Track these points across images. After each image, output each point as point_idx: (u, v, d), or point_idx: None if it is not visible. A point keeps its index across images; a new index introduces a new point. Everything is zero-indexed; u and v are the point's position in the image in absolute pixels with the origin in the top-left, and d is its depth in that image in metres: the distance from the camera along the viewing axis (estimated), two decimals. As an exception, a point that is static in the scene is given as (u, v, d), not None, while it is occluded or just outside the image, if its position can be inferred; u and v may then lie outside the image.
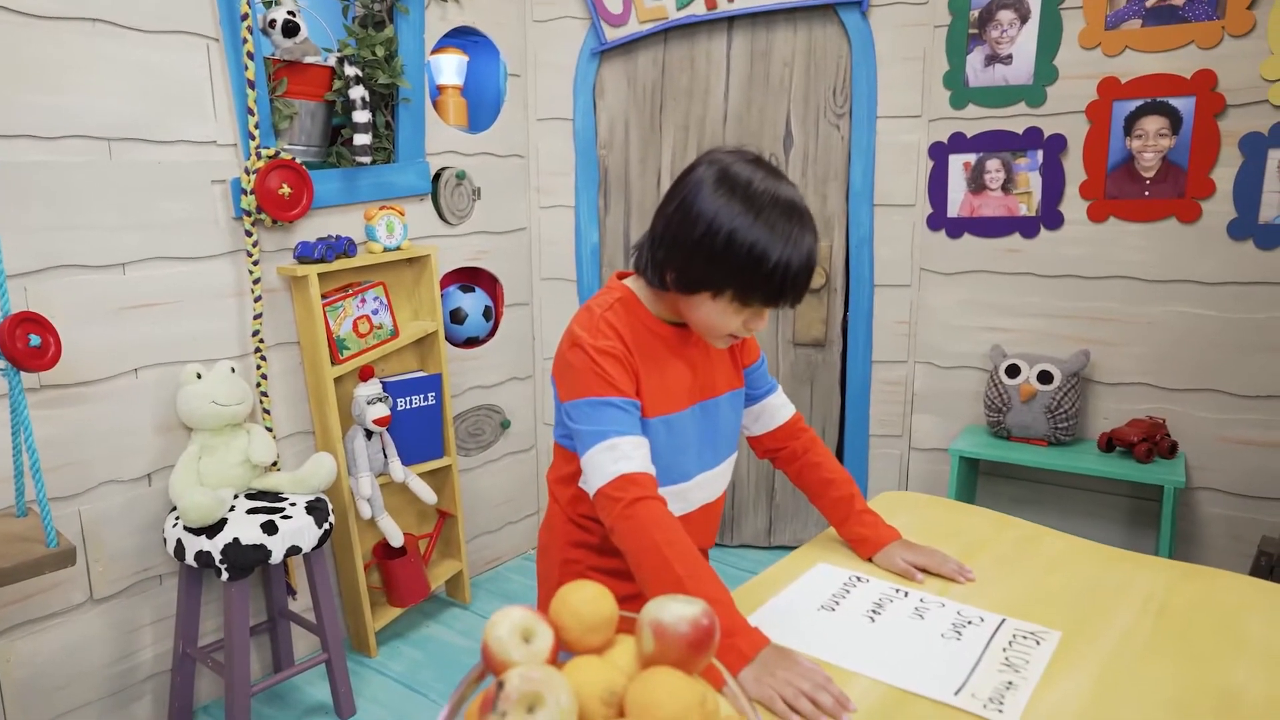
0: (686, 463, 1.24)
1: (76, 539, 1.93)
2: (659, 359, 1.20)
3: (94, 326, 1.91)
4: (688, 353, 1.23)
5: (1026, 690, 0.96)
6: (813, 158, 2.81)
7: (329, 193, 2.30)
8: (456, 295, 2.75)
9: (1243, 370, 2.35)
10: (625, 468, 1.09)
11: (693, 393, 1.24)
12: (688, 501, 1.26)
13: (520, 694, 0.66)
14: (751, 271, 1.07)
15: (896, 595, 1.19)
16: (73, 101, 1.83)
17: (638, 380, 1.17)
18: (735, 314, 1.12)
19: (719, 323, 1.13)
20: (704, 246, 1.08)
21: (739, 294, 1.09)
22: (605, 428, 1.11)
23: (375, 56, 2.30)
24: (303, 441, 2.37)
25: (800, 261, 1.08)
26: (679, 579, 1.02)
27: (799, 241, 1.08)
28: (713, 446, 1.28)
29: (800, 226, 1.08)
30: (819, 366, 2.94)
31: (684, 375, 1.23)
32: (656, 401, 1.19)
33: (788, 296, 1.10)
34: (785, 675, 0.96)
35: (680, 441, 1.22)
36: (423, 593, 2.54)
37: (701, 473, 1.27)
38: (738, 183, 1.08)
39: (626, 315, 1.19)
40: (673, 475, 1.22)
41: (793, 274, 1.07)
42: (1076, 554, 1.33)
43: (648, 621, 0.77)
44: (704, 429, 1.26)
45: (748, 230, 1.06)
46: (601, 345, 1.14)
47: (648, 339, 1.19)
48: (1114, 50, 2.38)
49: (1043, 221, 2.56)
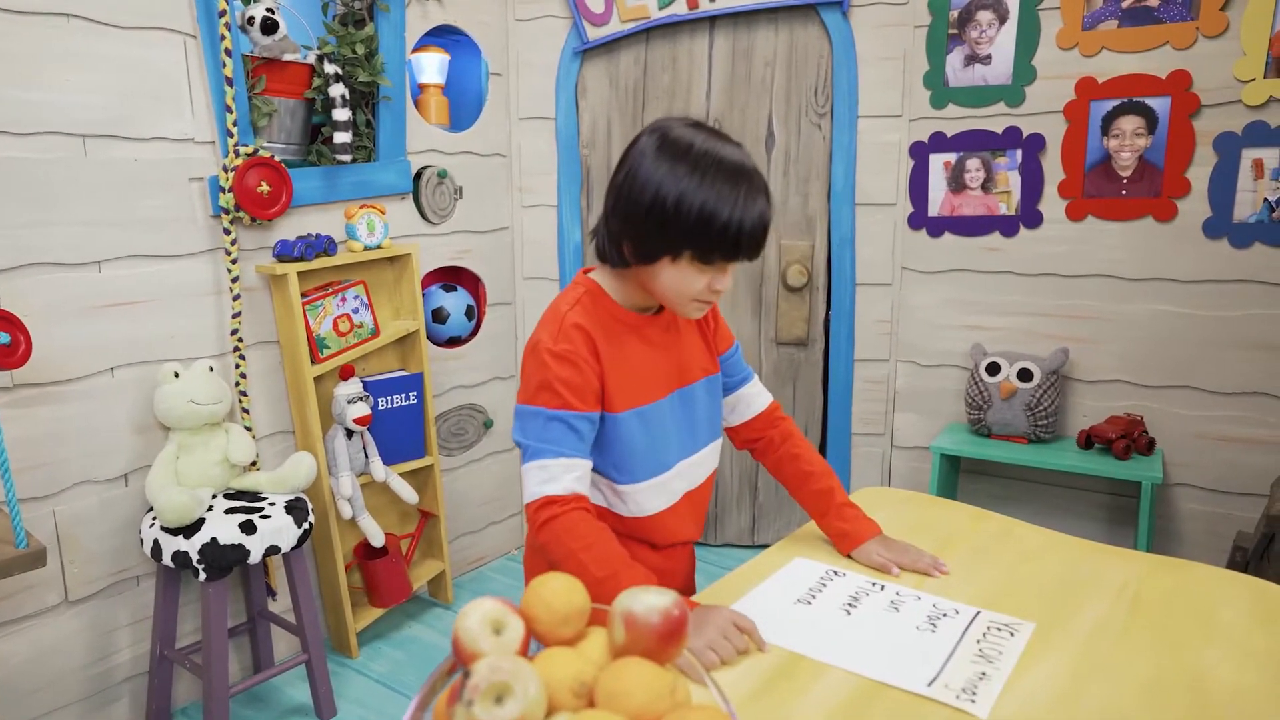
0: (666, 452, 1.24)
1: (51, 540, 1.91)
2: (629, 349, 1.20)
3: (69, 325, 1.89)
4: (660, 340, 1.24)
5: (999, 680, 0.96)
6: (794, 157, 2.82)
7: (309, 191, 2.28)
8: (438, 294, 2.74)
9: (1219, 367, 2.37)
10: (549, 490, 1.11)
11: (669, 380, 1.24)
12: (670, 493, 1.26)
13: (488, 684, 0.65)
14: (704, 231, 1.08)
15: (873, 589, 1.19)
16: (47, 97, 1.81)
17: (601, 381, 1.16)
18: (698, 275, 1.12)
19: (684, 287, 1.13)
20: (655, 213, 1.09)
21: (697, 254, 1.10)
22: (542, 445, 1.12)
23: (355, 54, 2.29)
24: (283, 441, 2.35)
25: (752, 216, 1.09)
26: (597, 580, 1.03)
27: (748, 196, 1.09)
28: (692, 433, 1.28)
29: (748, 183, 1.10)
30: (801, 365, 2.95)
31: (658, 363, 1.23)
32: (629, 393, 1.19)
33: (745, 249, 1.10)
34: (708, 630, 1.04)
35: (658, 432, 1.22)
36: (404, 593, 2.52)
37: (681, 460, 1.26)
38: (679, 146, 1.09)
39: (593, 308, 1.19)
40: (652, 467, 1.22)
41: (747, 228, 1.09)
42: (1051, 547, 1.34)
43: (619, 612, 0.77)
44: (682, 417, 1.26)
45: (694, 192, 1.07)
46: (560, 349, 1.14)
47: (616, 329, 1.19)
48: (1091, 50, 2.40)
49: (1022, 220, 2.57)
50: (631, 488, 1.21)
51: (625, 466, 1.20)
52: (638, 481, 1.21)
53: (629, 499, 1.22)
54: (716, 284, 1.14)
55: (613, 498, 1.23)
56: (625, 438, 1.19)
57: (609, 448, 1.20)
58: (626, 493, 1.22)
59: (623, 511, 1.23)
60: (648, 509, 1.23)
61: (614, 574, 1.06)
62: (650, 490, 1.23)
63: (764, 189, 1.12)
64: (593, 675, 0.73)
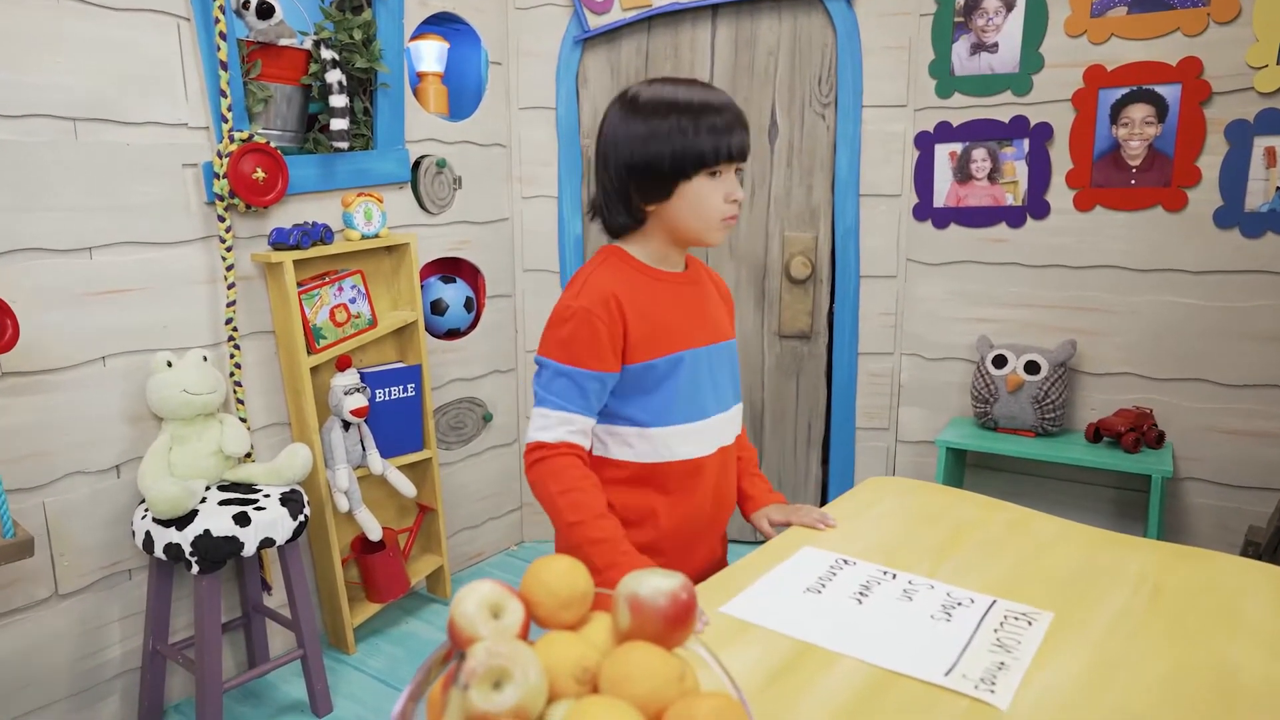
0: (704, 401, 1.30)
1: (40, 532, 1.87)
2: (660, 300, 1.26)
3: (59, 312, 1.86)
4: (689, 295, 1.31)
5: (1019, 670, 0.93)
6: (798, 148, 2.78)
7: (305, 179, 2.25)
8: (437, 286, 2.70)
9: (1229, 360, 2.34)
10: (541, 436, 1.22)
11: (704, 334, 1.30)
12: (706, 442, 1.30)
13: (485, 669, 0.62)
14: (691, 131, 1.18)
15: (884, 577, 1.15)
16: (37, 79, 1.78)
17: (625, 335, 1.22)
18: (712, 189, 1.21)
19: (707, 205, 1.22)
20: (653, 148, 1.20)
21: (698, 161, 1.19)
22: (546, 395, 1.23)
23: (353, 40, 2.26)
24: (278, 433, 2.31)
25: (722, 99, 1.21)
26: (568, 525, 1.17)
27: (712, 91, 1.23)
28: (724, 389, 1.34)
29: (707, 87, 1.23)
30: (805, 359, 2.91)
31: (690, 315, 1.29)
32: (664, 340, 1.25)
33: (735, 133, 1.20)
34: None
35: (695, 378, 1.28)
36: (402, 588, 2.49)
37: (718, 413, 1.32)
38: (641, 95, 1.24)
39: (619, 266, 1.27)
40: (690, 412, 1.28)
41: (724, 111, 1.20)
42: (1067, 536, 1.30)
43: (623, 595, 0.74)
44: (713, 371, 1.31)
45: (668, 111, 1.20)
46: (579, 305, 1.21)
47: (643, 283, 1.26)
48: (1100, 38, 2.37)
49: (1029, 211, 2.54)
50: (664, 430, 1.26)
51: (662, 410, 1.25)
52: (673, 424, 1.26)
53: (658, 442, 1.26)
54: (734, 192, 1.22)
55: (639, 443, 1.26)
56: (666, 382, 1.24)
57: (649, 392, 1.25)
58: (656, 435, 1.26)
59: (649, 457, 1.27)
60: (680, 453, 1.28)
61: (582, 521, 1.17)
62: (685, 435, 1.27)
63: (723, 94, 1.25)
64: (596, 661, 0.69)
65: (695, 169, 1.20)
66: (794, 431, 2.97)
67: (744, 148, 1.23)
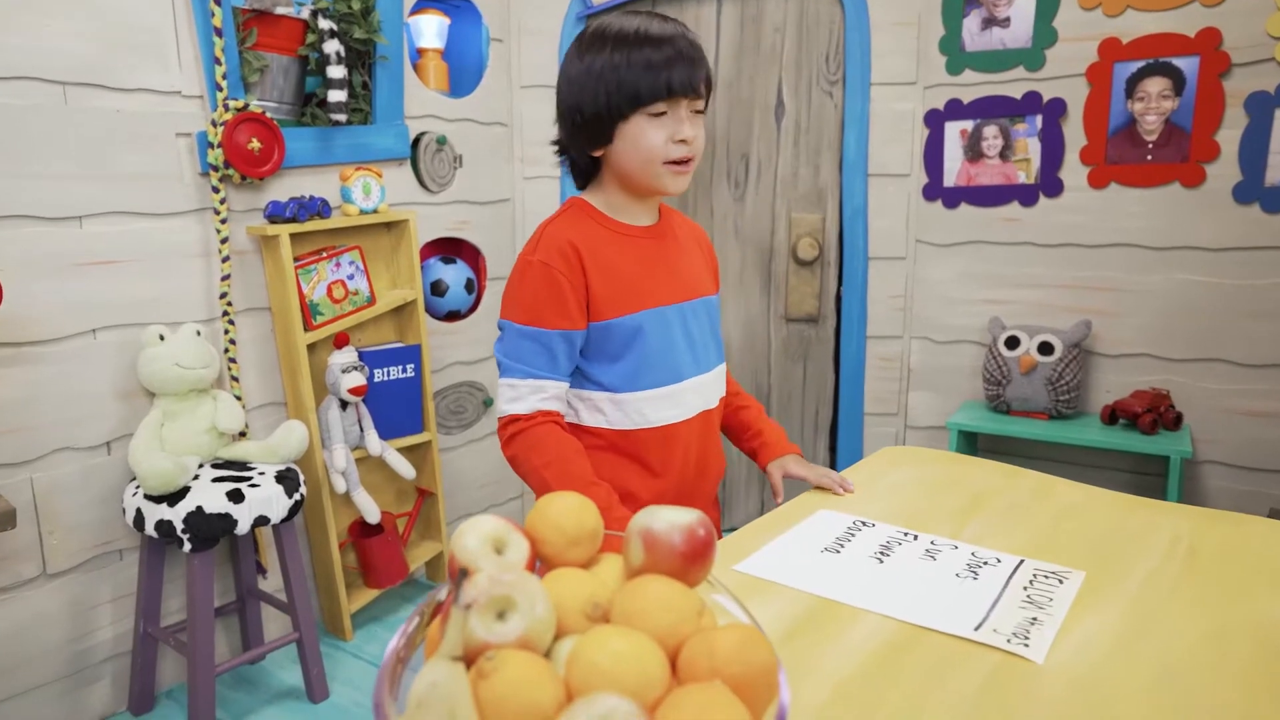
0: (678, 363, 1.21)
1: (28, 509, 1.82)
2: (623, 255, 1.18)
3: (48, 282, 1.80)
4: (656, 251, 1.22)
5: (1053, 626, 0.87)
6: (805, 127, 2.73)
7: (302, 152, 2.20)
8: (438, 267, 2.65)
9: (1248, 339, 2.28)
10: (514, 409, 1.15)
11: (673, 291, 1.21)
12: (684, 406, 1.22)
13: (489, 597, 0.56)
14: (624, 66, 1.10)
15: (905, 538, 1.10)
16: (25, 40, 1.72)
17: (587, 290, 1.15)
18: (654, 128, 1.11)
19: (645, 148, 1.12)
20: (588, 87, 1.12)
21: (632, 99, 1.10)
22: (512, 363, 1.15)
23: (351, 10, 2.21)
24: (274, 413, 2.26)
25: (664, 30, 1.11)
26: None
27: (659, 21, 1.13)
28: (704, 348, 1.26)
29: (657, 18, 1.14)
30: (812, 343, 2.85)
31: (656, 272, 1.20)
32: (627, 298, 1.17)
33: (677, 67, 1.10)
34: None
35: (666, 339, 1.19)
36: (401, 574, 2.43)
37: (696, 374, 1.23)
38: (588, 31, 1.15)
39: (579, 219, 1.19)
40: (662, 375, 1.19)
41: (665, 43, 1.10)
42: (1094, 501, 1.24)
43: (636, 530, 0.68)
44: (694, 330, 1.23)
45: (603, 46, 1.12)
46: (537, 260, 1.15)
47: (605, 237, 1.18)
48: (1115, 10, 2.31)
49: (1042, 189, 2.48)
50: (635, 395, 1.18)
51: (632, 373, 1.17)
52: (644, 389, 1.18)
53: (630, 408, 1.18)
54: (677, 131, 1.12)
55: (610, 409, 1.19)
56: (634, 343, 1.16)
57: (616, 355, 1.17)
58: (627, 401, 1.18)
59: (622, 424, 1.19)
60: (653, 419, 1.19)
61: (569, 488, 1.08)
62: (658, 400, 1.19)
63: (675, 23, 1.15)
64: (607, 597, 0.64)
65: (630, 108, 1.10)
66: (801, 417, 2.91)
67: (688, 82, 1.11)
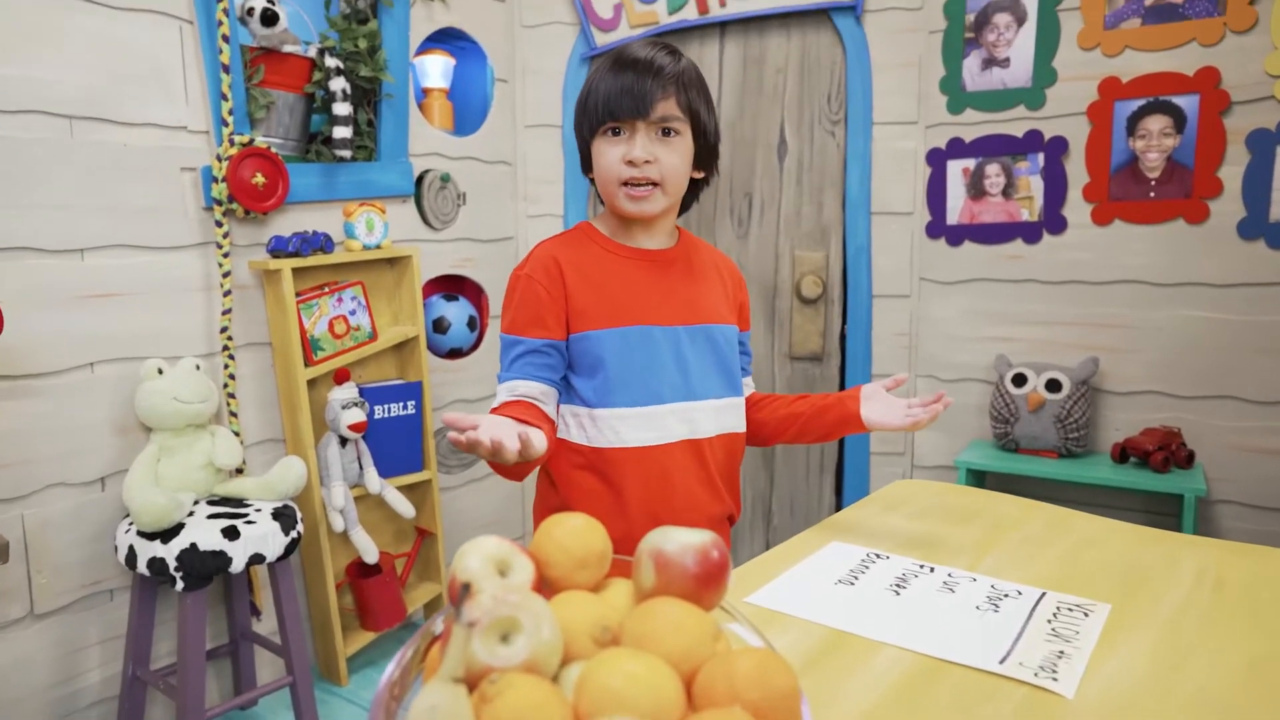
0: (659, 384, 1.18)
1: (18, 546, 1.78)
2: (611, 273, 1.19)
3: (47, 315, 1.79)
4: (661, 273, 1.22)
5: (1081, 659, 0.83)
6: (808, 165, 2.74)
7: (306, 188, 2.20)
8: (440, 304, 2.63)
9: (1258, 376, 2.25)
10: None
11: (670, 315, 1.20)
12: (663, 430, 1.18)
13: (493, 618, 0.53)
14: (594, 87, 1.14)
15: (921, 570, 1.06)
16: (33, 74, 1.73)
17: (565, 298, 1.16)
18: (610, 148, 1.14)
19: (604, 167, 1.15)
20: (576, 109, 1.19)
21: (592, 119, 1.14)
22: (502, 372, 1.18)
23: (358, 49, 2.23)
24: (273, 450, 2.22)
25: (639, 54, 1.12)
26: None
27: (643, 46, 1.15)
28: (700, 374, 1.22)
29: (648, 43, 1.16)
30: (817, 381, 2.83)
31: (652, 294, 1.20)
32: (607, 313, 1.17)
33: (636, 88, 1.10)
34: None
35: (651, 359, 1.17)
36: (399, 616, 2.37)
37: (682, 400, 1.20)
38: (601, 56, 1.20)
39: (575, 238, 1.23)
40: (638, 395, 1.17)
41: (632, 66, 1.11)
42: (1113, 533, 1.21)
43: (647, 552, 0.65)
44: (683, 354, 1.20)
45: (596, 70, 1.16)
46: (523, 273, 1.18)
47: (598, 254, 1.20)
48: (1114, 50, 2.33)
49: (1045, 226, 2.48)
50: (609, 412, 1.16)
51: (605, 389, 1.16)
52: (618, 406, 1.16)
53: (604, 425, 1.16)
54: (628, 152, 1.13)
55: (589, 425, 1.18)
56: (606, 357, 1.15)
57: (593, 369, 1.16)
58: (601, 417, 1.16)
59: (599, 441, 1.17)
60: (628, 439, 1.17)
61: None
62: (633, 419, 1.16)
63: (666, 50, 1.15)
64: (617, 621, 0.61)
65: (592, 128, 1.15)
66: (806, 457, 2.87)
67: (635, 103, 1.10)
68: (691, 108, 1.15)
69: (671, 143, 1.14)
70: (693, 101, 1.15)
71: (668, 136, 1.14)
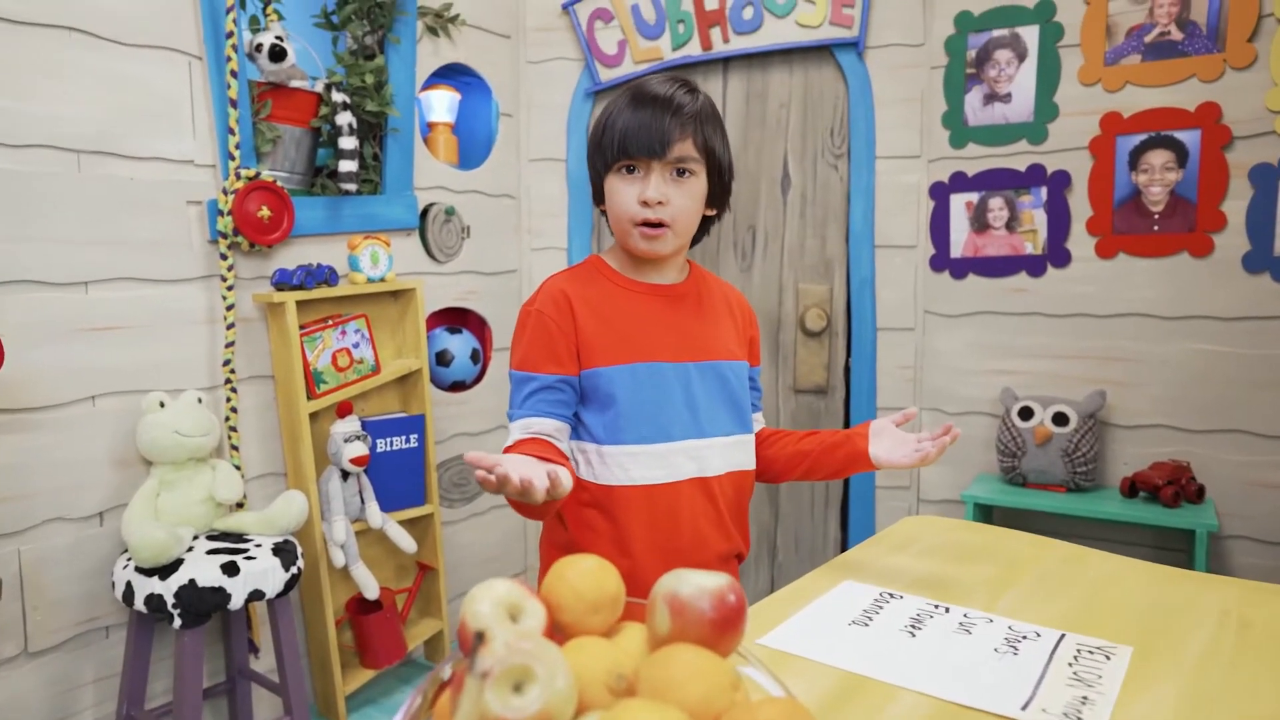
0: (669, 422, 1.16)
1: (14, 582, 1.75)
2: (620, 308, 1.18)
3: (49, 347, 1.78)
4: (671, 309, 1.21)
5: (1107, 705, 0.81)
6: (811, 199, 2.75)
7: (311, 221, 2.20)
8: (443, 336, 2.63)
9: (1266, 409, 2.24)
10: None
11: (678, 349, 1.19)
12: (670, 467, 1.16)
13: (505, 667, 0.51)
14: (609, 123, 1.14)
15: (936, 611, 1.04)
16: (42, 109, 1.74)
17: (575, 332, 1.15)
18: (625, 186, 1.14)
19: (617, 206, 1.15)
20: (589, 141, 1.20)
21: (608, 155, 1.14)
22: (513, 409, 1.17)
23: (364, 84, 2.25)
24: (274, 484, 2.20)
25: (657, 90, 1.12)
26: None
27: (661, 82, 1.15)
28: (709, 412, 1.20)
29: (665, 79, 1.16)
30: (821, 414, 2.81)
31: (661, 329, 1.19)
32: (618, 349, 1.15)
33: (653, 127, 1.10)
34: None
35: (660, 395, 1.16)
36: (399, 653, 2.33)
37: (692, 437, 1.18)
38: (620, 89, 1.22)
39: (584, 272, 1.22)
40: (647, 432, 1.15)
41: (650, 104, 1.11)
42: (1129, 572, 1.19)
43: (662, 596, 0.63)
44: (692, 391, 1.19)
45: (613, 105, 1.16)
46: (533, 309, 1.17)
47: (607, 289, 1.19)
48: (1115, 86, 2.35)
49: (1049, 259, 2.48)
50: (618, 449, 1.14)
51: (615, 425, 1.14)
52: (628, 443, 1.14)
53: (612, 462, 1.15)
54: (644, 192, 1.12)
55: (597, 462, 1.16)
56: (617, 394, 1.14)
57: (603, 405, 1.15)
58: (610, 454, 1.15)
59: (605, 479, 1.15)
60: (636, 477, 1.15)
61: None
62: (643, 457, 1.15)
63: (685, 87, 1.15)
64: (632, 668, 0.59)
65: (606, 164, 1.16)
66: (811, 491, 2.85)
67: (655, 142, 1.10)
68: (708, 145, 1.15)
69: (684, 184, 1.14)
70: (709, 139, 1.15)
71: (681, 177, 1.14)
